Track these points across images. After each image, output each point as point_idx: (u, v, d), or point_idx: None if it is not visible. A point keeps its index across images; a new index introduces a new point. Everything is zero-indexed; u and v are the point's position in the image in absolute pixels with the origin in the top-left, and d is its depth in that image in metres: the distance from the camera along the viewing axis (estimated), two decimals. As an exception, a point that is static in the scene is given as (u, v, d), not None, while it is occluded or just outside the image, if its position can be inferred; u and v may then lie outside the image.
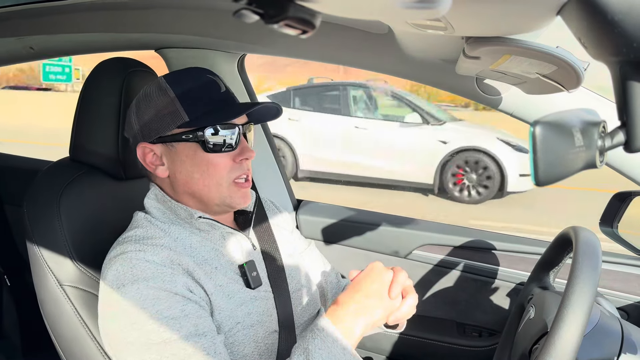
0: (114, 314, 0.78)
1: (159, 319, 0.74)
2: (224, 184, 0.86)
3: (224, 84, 0.89)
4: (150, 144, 0.87)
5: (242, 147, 0.88)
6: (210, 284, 0.82)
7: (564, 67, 0.67)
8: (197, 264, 0.83)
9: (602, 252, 0.79)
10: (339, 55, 1.21)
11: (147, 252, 0.79)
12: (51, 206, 0.94)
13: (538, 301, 0.95)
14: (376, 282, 0.80)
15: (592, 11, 0.40)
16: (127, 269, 0.77)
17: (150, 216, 0.88)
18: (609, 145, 0.44)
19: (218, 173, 0.85)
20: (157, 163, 0.87)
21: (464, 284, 1.44)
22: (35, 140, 8.47)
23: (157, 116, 0.85)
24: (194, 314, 0.76)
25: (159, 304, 0.75)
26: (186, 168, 0.85)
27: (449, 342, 1.40)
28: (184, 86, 0.85)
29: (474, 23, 0.62)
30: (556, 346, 0.68)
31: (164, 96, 0.85)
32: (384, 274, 0.81)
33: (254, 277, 0.88)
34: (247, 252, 0.92)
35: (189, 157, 0.85)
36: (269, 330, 0.86)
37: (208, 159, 0.85)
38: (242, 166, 0.88)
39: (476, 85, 1.08)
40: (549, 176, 0.41)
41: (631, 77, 0.41)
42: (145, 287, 0.76)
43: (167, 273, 0.78)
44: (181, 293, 0.77)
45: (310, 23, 0.32)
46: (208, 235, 0.88)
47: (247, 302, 0.85)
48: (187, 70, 0.89)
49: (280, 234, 1.02)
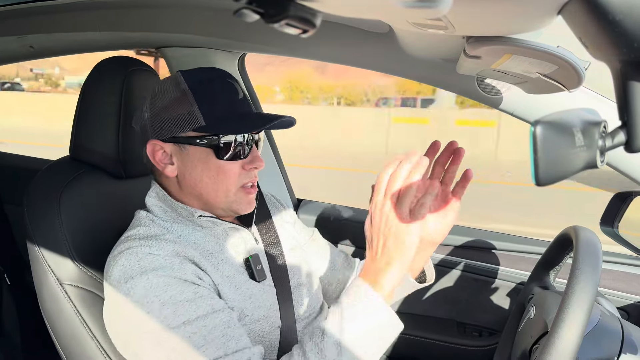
0: (124, 309, 0.77)
1: (174, 304, 0.74)
2: (232, 190, 0.87)
3: (242, 90, 0.88)
4: (161, 142, 0.85)
5: (253, 156, 0.88)
6: (217, 275, 0.82)
7: (564, 67, 0.67)
8: (203, 256, 0.83)
9: (602, 251, 0.79)
10: (339, 54, 1.21)
11: (153, 247, 0.79)
12: (51, 205, 0.94)
13: (538, 301, 0.95)
14: (380, 221, 0.69)
15: (593, 11, 0.40)
16: (133, 262, 0.77)
17: (152, 214, 0.88)
18: (610, 145, 0.44)
19: (228, 179, 0.86)
20: (167, 162, 0.87)
21: (465, 283, 1.44)
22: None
23: (173, 115, 0.83)
24: (207, 295, 0.77)
25: (171, 290, 0.75)
26: (197, 171, 0.85)
27: (450, 342, 1.40)
28: (204, 88, 0.84)
29: (474, 22, 0.62)
30: (556, 346, 0.68)
31: (181, 95, 0.83)
32: (382, 206, 0.69)
33: (259, 270, 0.88)
34: (251, 246, 0.92)
35: (201, 161, 0.84)
36: (274, 326, 0.87)
37: (219, 165, 0.84)
38: (250, 174, 0.88)
39: (477, 85, 1.08)
40: (549, 176, 0.41)
41: (632, 77, 0.41)
42: (154, 276, 0.75)
43: (175, 262, 0.78)
44: (191, 280, 0.77)
45: (311, 22, 0.32)
46: (211, 231, 0.88)
47: (255, 295, 0.85)
48: (206, 71, 0.88)
49: (282, 228, 1.03)
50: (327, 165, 7.85)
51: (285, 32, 0.32)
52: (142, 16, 1.32)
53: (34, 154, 1.96)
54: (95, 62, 1.05)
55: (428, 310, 1.47)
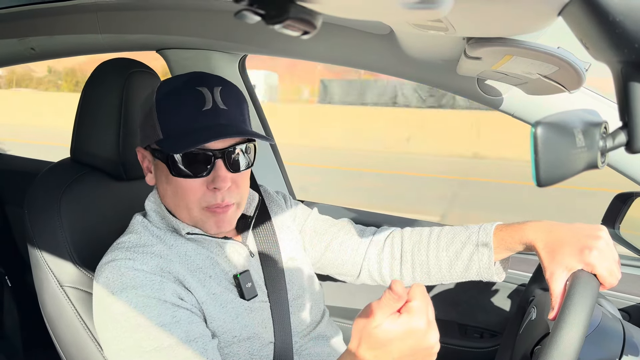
0: (106, 321, 0.78)
1: (149, 327, 0.73)
2: (194, 209, 0.82)
3: (214, 98, 0.79)
4: (143, 149, 0.87)
5: (214, 175, 0.79)
6: (203, 292, 0.81)
7: (565, 68, 0.67)
8: (190, 271, 0.81)
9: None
10: (340, 56, 1.21)
11: (137, 260, 0.78)
12: (52, 207, 0.94)
13: (540, 302, 0.95)
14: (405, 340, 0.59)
15: (594, 12, 0.40)
16: (116, 277, 0.77)
17: (147, 220, 0.87)
18: (611, 146, 0.44)
19: (186, 198, 0.81)
20: (149, 169, 0.87)
21: (466, 285, 1.43)
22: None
23: (143, 126, 0.84)
24: (185, 320, 0.75)
25: (149, 312, 0.74)
26: (162, 184, 0.84)
27: (451, 344, 1.40)
28: (168, 100, 0.80)
29: (475, 24, 0.62)
30: (558, 347, 0.67)
31: (149, 108, 0.82)
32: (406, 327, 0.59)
33: (248, 289, 0.85)
34: (244, 260, 0.89)
35: (163, 175, 0.83)
36: (265, 342, 0.85)
37: (176, 182, 0.80)
38: (216, 196, 0.80)
39: (477, 86, 1.08)
40: (550, 177, 0.41)
41: (632, 78, 0.41)
42: (134, 295, 0.75)
43: (156, 281, 0.77)
44: (170, 300, 0.76)
45: (312, 24, 0.32)
46: (204, 242, 0.86)
47: (242, 314, 0.83)
48: (180, 79, 0.83)
49: (283, 232, 1.00)
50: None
51: (286, 33, 0.32)
52: (142, 18, 1.32)
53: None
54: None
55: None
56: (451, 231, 0.97)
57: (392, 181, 6.99)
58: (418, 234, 1.00)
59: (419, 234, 0.99)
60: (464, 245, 0.93)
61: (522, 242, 0.85)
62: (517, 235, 0.86)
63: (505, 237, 0.88)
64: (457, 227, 0.97)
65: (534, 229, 0.83)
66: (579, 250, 0.75)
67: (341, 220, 1.08)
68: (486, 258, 0.90)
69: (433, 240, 0.97)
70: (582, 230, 0.78)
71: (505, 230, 0.89)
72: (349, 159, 8.05)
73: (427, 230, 1.00)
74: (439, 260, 0.95)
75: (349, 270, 1.03)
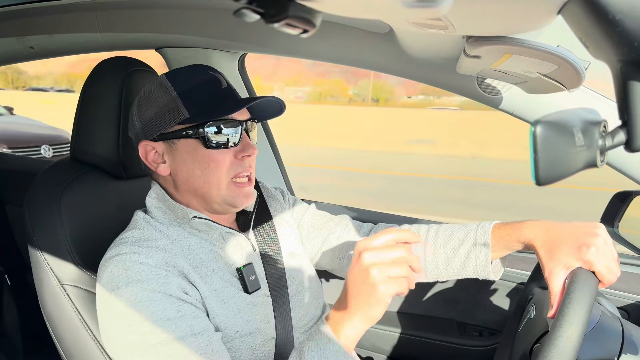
0: (111, 316, 0.78)
1: (154, 321, 0.74)
2: (223, 181, 0.85)
3: (226, 80, 0.88)
4: (151, 141, 0.86)
5: (244, 144, 0.86)
6: (205, 288, 0.81)
7: (564, 67, 0.67)
8: (193, 266, 0.82)
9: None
10: (340, 54, 1.21)
11: (142, 254, 0.79)
12: (52, 206, 0.94)
13: (538, 301, 0.95)
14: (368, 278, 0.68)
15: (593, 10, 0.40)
16: (121, 271, 0.77)
17: (149, 216, 0.87)
18: (610, 144, 0.44)
19: (219, 169, 0.84)
20: (159, 161, 0.87)
21: (465, 283, 1.44)
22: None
23: (158, 114, 0.84)
24: (189, 314, 0.76)
25: (154, 306, 0.74)
26: (187, 165, 0.85)
27: (450, 342, 1.40)
28: (185, 83, 0.85)
29: (475, 22, 0.62)
30: (557, 345, 0.67)
31: (165, 94, 0.84)
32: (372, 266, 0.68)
33: (252, 281, 0.86)
34: (247, 253, 0.91)
35: (190, 154, 0.84)
36: (267, 338, 0.86)
37: (209, 155, 0.84)
38: (244, 163, 0.86)
39: (477, 85, 1.08)
40: (549, 176, 0.41)
41: (632, 77, 0.41)
42: (139, 289, 0.75)
43: (161, 275, 0.77)
44: (176, 294, 0.76)
45: (311, 22, 0.32)
46: (207, 235, 0.87)
47: (244, 309, 0.84)
48: (188, 68, 0.89)
49: (283, 228, 1.01)
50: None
51: (286, 32, 0.32)
52: (141, 17, 1.32)
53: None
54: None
55: (428, 310, 1.47)
56: (449, 229, 0.97)
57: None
58: (416, 230, 1.00)
59: (417, 231, 1.00)
60: (461, 243, 0.93)
61: (521, 241, 0.85)
62: (515, 234, 0.86)
63: (504, 236, 0.88)
64: (455, 225, 0.97)
65: (532, 227, 0.84)
66: (577, 248, 0.75)
67: (339, 216, 1.09)
68: (483, 256, 0.91)
69: (431, 237, 0.97)
70: (579, 228, 0.78)
71: (504, 229, 0.89)
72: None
73: (424, 227, 1.00)
74: (436, 257, 0.96)
75: (346, 266, 1.04)
